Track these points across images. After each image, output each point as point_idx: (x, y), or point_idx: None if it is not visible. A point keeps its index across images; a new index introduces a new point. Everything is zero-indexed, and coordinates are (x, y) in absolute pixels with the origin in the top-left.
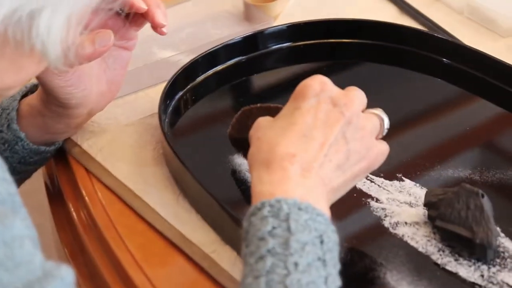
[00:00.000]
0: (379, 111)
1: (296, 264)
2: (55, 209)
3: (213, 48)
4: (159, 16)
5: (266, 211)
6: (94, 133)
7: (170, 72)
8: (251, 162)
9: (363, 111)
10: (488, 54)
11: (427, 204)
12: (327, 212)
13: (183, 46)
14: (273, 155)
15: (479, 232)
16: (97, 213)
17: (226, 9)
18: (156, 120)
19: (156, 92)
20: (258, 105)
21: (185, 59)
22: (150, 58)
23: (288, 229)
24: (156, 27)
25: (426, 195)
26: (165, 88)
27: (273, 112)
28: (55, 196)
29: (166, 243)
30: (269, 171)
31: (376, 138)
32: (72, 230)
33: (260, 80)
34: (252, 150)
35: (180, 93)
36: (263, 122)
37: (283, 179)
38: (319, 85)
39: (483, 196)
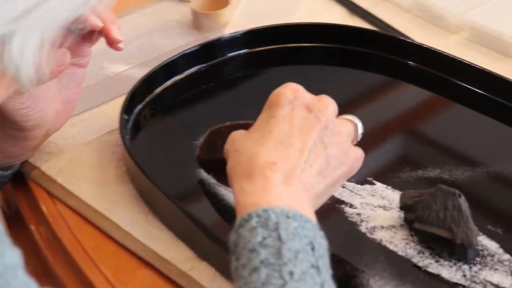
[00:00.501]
0: (352, 117)
1: (291, 273)
2: (16, 234)
3: (170, 58)
4: (115, 32)
5: (254, 222)
6: (52, 154)
7: (125, 87)
8: (231, 175)
9: (336, 117)
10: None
11: (403, 207)
12: (313, 218)
13: (134, 59)
14: (253, 165)
15: (459, 233)
16: (65, 237)
17: (174, 19)
18: (114, 137)
19: (111, 108)
20: (227, 123)
21: (138, 72)
22: (102, 73)
23: (279, 238)
24: (112, 43)
25: (401, 197)
26: (124, 103)
27: (243, 129)
28: (13, 221)
29: (140, 262)
30: (251, 182)
31: (352, 144)
32: (35, 254)
33: (219, 87)
34: (230, 163)
35: (139, 107)
36: (238, 135)
37: (266, 188)
38: (291, 92)
39: (460, 196)
